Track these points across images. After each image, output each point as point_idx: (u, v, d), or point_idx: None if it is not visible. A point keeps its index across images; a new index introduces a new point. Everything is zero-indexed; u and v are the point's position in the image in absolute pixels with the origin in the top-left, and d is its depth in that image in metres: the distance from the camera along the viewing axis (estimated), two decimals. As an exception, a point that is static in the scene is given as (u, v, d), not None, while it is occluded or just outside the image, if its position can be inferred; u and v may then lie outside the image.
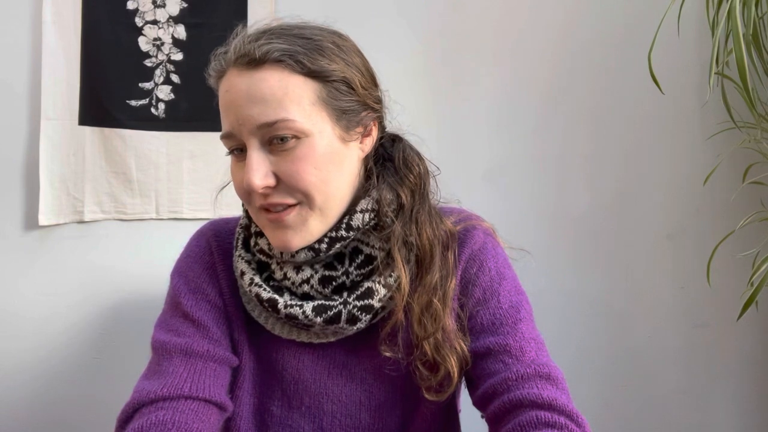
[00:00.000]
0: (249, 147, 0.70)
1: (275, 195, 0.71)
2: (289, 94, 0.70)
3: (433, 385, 0.76)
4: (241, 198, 0.75)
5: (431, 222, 0.78)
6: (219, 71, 0.74)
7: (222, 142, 0.74)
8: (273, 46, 0.70)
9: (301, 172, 0.70)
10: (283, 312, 0.74)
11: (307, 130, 0.70)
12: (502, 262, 0.82)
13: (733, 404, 1.37)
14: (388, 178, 0.78)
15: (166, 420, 0.68)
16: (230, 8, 1.27)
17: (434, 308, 0.75)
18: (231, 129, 0.71)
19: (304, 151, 0.70)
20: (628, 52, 1.30)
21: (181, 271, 0.84)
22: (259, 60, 0.70)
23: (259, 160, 0.70)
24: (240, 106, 0.70)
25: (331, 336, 0.78)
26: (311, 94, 0.71)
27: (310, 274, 0.76)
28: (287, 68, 0.70)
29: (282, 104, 0.69)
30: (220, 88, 0.74)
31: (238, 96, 0.70)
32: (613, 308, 1.35)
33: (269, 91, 0.69)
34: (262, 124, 0.69)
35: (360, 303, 0.74)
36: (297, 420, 0.82)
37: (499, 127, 1.33)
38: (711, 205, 1.34)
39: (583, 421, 0.69)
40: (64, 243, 1.24)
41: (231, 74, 0.72)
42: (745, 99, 1.09)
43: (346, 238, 0.75)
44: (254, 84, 0.70)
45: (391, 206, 0.77)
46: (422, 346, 0.74)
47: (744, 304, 1.08)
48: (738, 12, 1.02)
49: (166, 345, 0.77)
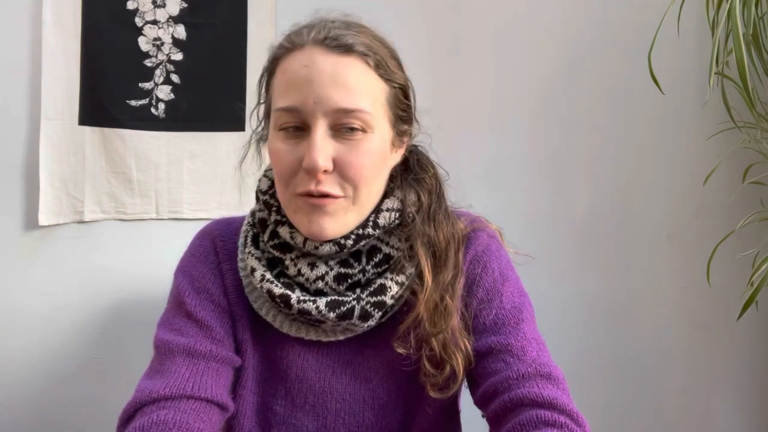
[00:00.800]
0: (315, 127, 0.71)
1: (326, 183, 0.72)
2: (368, 88, 0.73)
3: (438, 383, 0.76)
4: (282, 177, 0.74)
5: (448, 221, 0.81)
6: (293, 44, 0.74)
7: (276, 114, 0.74)
8: (359, 39, 0.73)
9: (361, 164, 0.72)
10: (296, 307, 0.74)
11: (374, 126, 0.73)
12: (505, 263, 0.84)
13: (733, 404, 1.37)
14: (409, 180, 0.82)
15: (168, 419, 0.68)
16: (230, 8, 1.27)
17: (446, 305, 0.76)
18: (299, 105, 0.71)
19: (366, 146, 0.73)
20: (628, 52, 1.30)
21: (185, 271, 0.84)
22: (347, 48, 0.72)
23: (325, 141, 0.71)
24: (322, 85, 0.71)
25: (340, 334, 0.79)
26: (382, 94, 0.75)
27: (325, 271, 0.76)
28: (369, 64, 0.73)
29: (362, 95, 0.72)
30: (289, 62, 0.74)
31: (321, 75, 0.71)
32: (613, 308, 1.35)
33: (353, 79, 0.72)
34: (340, 108, 0.71)
35: (373, 299, 0.75)
36: (300, 418, 0.82)
37: (499, 127, 1.33)
38: (711, 205, 1.34)
39: (584, 421, 0.69)
40: (64, 243, 1.24)
41: (312, 51, 0.72)
42: (745, 99, 1.09)
43: (371, 236, 0.77)
44: (340, 68, 0.71)
45: (414, 206, 0.79)
46: (431, 342, 0.75)
47: (744, 304, 1.08)
48: (738, 12, 1.02)
49: (169, 344, 0.77)
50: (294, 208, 0.75)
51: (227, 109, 1.27)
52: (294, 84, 0.72)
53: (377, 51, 0.75)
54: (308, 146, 0.71)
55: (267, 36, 1.27)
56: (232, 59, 1.27)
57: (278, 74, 0.76)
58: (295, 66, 0.73)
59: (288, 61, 0.74)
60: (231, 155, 1.28)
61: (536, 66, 1.33)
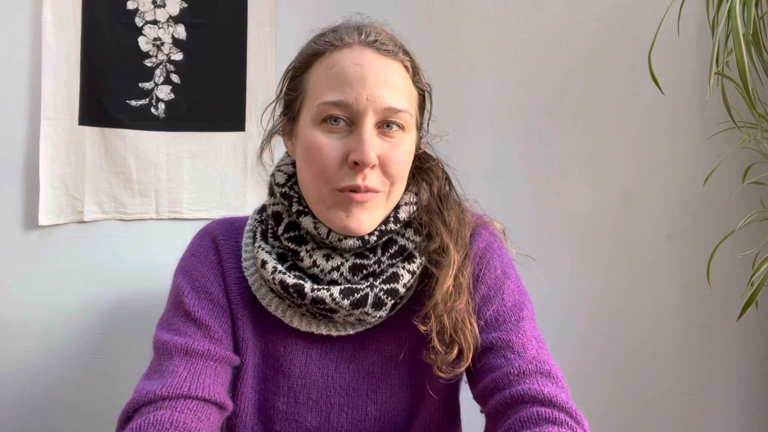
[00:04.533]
0: (364, 123, 0.73)
1: (371, 178, 0.74)
2: (408, 92, 0.78)
3: (447, 362, 0.77)
4: (324, 173, 0.75)
5: (457, 205, 0.85)
6: (341, 41, 0.76)
7: (320, 108, 0.74)
8: (399, 46, 0.78)
9: (401, 161, 0.76)
10: (310, 296, 0.75)
11: (410, 128, 0.78)
12: (506, 261, 0.86)
13: (733, 404, 1.37)
14: (420, 174, 0.85)
15: (165, 419, 0.68)
16: (230, 8, 1.27)
17: (459, 283, 0.79)
18: (351, 101, 0.73)
19: (404, 145, 0.77)
20: (628, 52, 1.30)
21: (185, 270, 0.85)
22: (393, 52, 0.76)
23: (373, 137, 0.74)
24: (375, 83, 0.73)
25: (350, 327, 0.80)
26: (415, 99, 0.80)
27: (341, 262, 0.77)
28: (408, 70, 0.78)
29: (405, 97, 0.77)
30: (337, 58, 0.75)
31: (373, 74, 0.74)
32: (613, 308, 1.35)
33: (400, 81, 0.76)
34: (390, 107, 0.74)
35: (386, 287, 0.77)
36: (303, 414, 0.83)
37: (499, 127, 1.33)
38: (711, 205, 1.34)
39: (582, 418, 0.69)
40: (64, 243, 1.24)
41: (363, 51, 0.75)
42: (745, 99, 1.09)
43: (393, 230, 0.79)
44: (389, 70, 0.75)
45: (427, 193, 0.84)
46: (443, 320, 0.76)
47: (744, 304, 1.08)
48: (738, 12, 1.02)
49: (167, 344, 0.77)
50: (329, 203, 0.75)
51: (227, 109, 1.28)
52: (345, 80, 0.74)
53: (413, 58, 0.80)
54: (358, 141, 0.73)
55: (267, 36, 1.27)
56: (232, 59, 1.27)
57: (320, 69, 0.77)
58: (346, 63, 0.74)
59: (334, 57, 0.75)
60: (231, 155, 1.28)
61: (536, 66, 1.33)
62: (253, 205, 1.28)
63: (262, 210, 0.86)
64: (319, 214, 0.77)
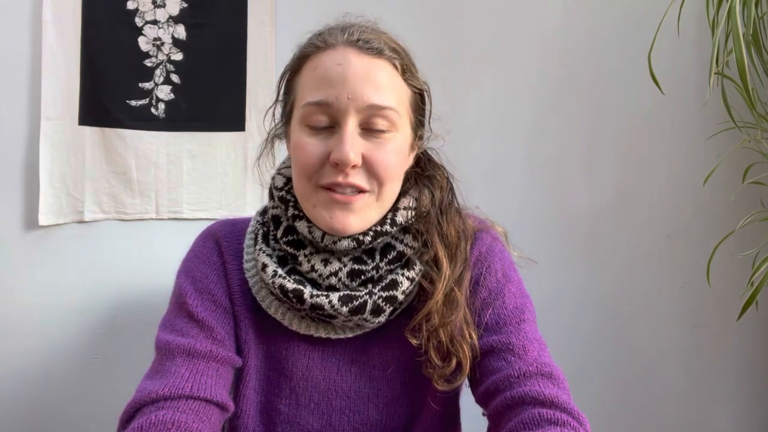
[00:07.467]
0: (346, 123, 0.73)
1: (355, 175, 0.74)
2: (396, 90, 0.77)
3: (444, 374, 0.77)
4: (306, 171, 0.75)
5: (458, 218, 0.84)
6: (325, 42, 0.76)
7: (304, 109, 0.75)
8: (387, 44, 0.77)
9: (388, 161, 0.75)
10: (309, 302, 0.75)
11: (399, 127, 0.77)
12: (508, 264, 0.86)
13: (734, 404, 1.37)
14: (422, 179, 0.85)
15: (166, 419, 0.69)
16: (230, 8, 1.27)
17: (455, 296, 0.78)
18: (332, 100, 0.73)
19: (392, 145, 0.76)
20: (628, 52, 1.30)
21: (188, 271, 0.85)
22: (378, 50, 0.75)
23: (355, 136, 0.73)
24: (356, 82, 0.73)
25: (350, 331, 0.80)
26: (406, 97, 0.79)
27: (339, 267, 0.77)
28: (396, 68, 0.77)
29: (392, 95, 0.76)
30: (321, 59, 0.75)
31: (355, 73, 0.73)
32: (612, 308, 1.35)
33: (385, 79, 0.75)
34: (372, 105, 0.73)
35: (385, 294, 0.77)
36: (305, 417, 0.83)
37: (499, 127, 1.33)
38: (711, 205, 1.34)
39: (584, 419, 0.70)
40: (64, 243, 1.24)
41: (345, 51, 0.75)
42: (745, 99, 1.09)
43: (389, 233, 0.79)
44: (373, 68, 0.75)
45: (428, 202, 0.83)
46: (440, 333, 0.76)
47: (744, 304, 1.09)
48: (738, 12, 1.02)
49: (170, 345, 0.77)
50: (314, 203, 0.76)
51: (227, 109, 1.27)
52: (327, 80, 0.74)
53: (403, 56, 0.78)
54: (338, 141, 0.73)
55: (267, 36, 1.27)
56: (232, 59, 1.27)
57: (306, 71, 0.77)
58: (328, 63, 0.75)
59: (319, 58, 0.76)
60: (231, 155, 1.28)
61: (536, 66, 1.33)
62: (252, 205, 1.28)
63: (264, 212, 0.87)
64: (307, 213, 0.78)
